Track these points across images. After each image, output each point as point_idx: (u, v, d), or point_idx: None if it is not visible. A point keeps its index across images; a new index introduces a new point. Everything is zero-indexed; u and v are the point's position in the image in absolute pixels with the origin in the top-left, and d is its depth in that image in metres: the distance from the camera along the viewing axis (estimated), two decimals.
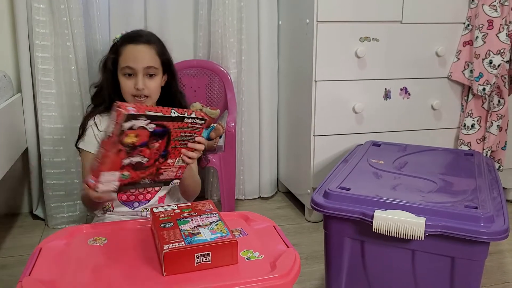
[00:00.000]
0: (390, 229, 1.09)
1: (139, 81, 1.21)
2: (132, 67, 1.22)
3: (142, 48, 1.23)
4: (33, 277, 0.79)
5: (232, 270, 0.83)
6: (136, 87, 1.22)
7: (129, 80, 1.23)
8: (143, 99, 1.23)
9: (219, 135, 1.85)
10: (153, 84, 1.24)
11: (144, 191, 1.25)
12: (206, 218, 0.92)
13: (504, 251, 1.72)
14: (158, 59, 1.25)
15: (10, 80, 1.79)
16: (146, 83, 1.23)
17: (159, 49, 1.26)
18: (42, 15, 1.74)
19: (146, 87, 1.22)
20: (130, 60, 1.22)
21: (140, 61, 1.22)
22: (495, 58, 1.85)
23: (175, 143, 0.99)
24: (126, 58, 1.22)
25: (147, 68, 1.23)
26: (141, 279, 0.81)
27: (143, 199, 1.25)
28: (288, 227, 1.93)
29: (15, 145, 1.74)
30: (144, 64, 1.22)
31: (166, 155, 1.00)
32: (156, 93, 1.27)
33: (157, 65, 1.25)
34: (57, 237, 0.95)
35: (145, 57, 1.23)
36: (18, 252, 1.71)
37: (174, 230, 0.87)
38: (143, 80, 1.22)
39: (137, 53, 1.23)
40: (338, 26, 1.79)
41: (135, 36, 1.26)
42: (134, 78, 1.22)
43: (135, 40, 1.24)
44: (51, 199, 1.87)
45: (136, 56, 1.22)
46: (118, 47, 1.25)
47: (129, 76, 1.23)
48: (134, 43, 1.23)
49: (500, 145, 2.02)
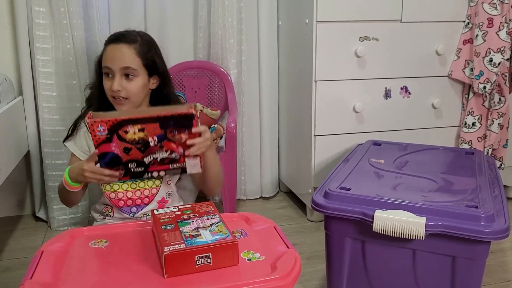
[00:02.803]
0: (390, 229, 1.10)
1: (115, 82, 1.18)
2: (109, 67, 1.19)
3: (122, 48, 1.20)
4: (34, 280, 0.80)
5: (232, 272, 0.83)
6: (111, 88, 1.19)
7: (108, 81, 1.21)
8: (122, 101, 1.20)
9: (220, 135, 1.85)
10: (131, 85, 1.20)
11: (144, 187, 1.25)
12: (207, 220, 0.93)
13: (505, 249, 1.72)
14: (138, 60, 1.21)
15: (11, 83, 1.80)
16: (123, 84, 1.19)
17: (142, 50, 1.22)
18: (42, 18, 1.75)
19: (124, 89, 1.19)
20: (108, 60, 1.20)
21: (116, 61, 1.19)
22: (495, 56, 1.85)
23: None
24: (105, 58, 1.21)
25: (124, 69, 1.19)
26: (142, 281, 0.81)
27: (140, 203, 1.24)
28: (290, 226, 1.94)
29: (17, 148, 1.75)
30: (120, 64, 1.19)
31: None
32: (136, 96, 1.22)
33: (136, 66, 1.20)
34: (58, 240, 0.95)
35: (122, 57, 1.19)
36: (20, 254, 1.72)
37: (175, 232, 0.87)
38: (119, 81, 1.19)
39: (114, 53, 1.20)
40: (338, 26, 1.79)
41: (118, 36, 1.23)
42: (112, 79, 1.20)
43: (116, 39, 1.22)
44: (53, 201, 1.88)
45: (113, 56, 1.20)
46: (104, 46, 1.24)
47: (108, 76, 1.21)
48: (115, 43, 1.21)
49: (501, 143, 2.02)
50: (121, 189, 1.22)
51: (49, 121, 1.83)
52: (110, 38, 1.24)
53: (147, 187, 1.24)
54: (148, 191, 1.24)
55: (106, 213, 1.26)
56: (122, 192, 1.22)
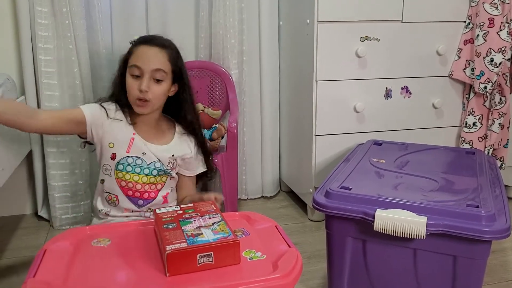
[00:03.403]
0: (391, 228, 1.10)
1: (144, 82, 1.18)
2: (139, 67, 1.19)
3: (154, 50, 1.21)
4: (37, 279, 0.80)
5: (234, 270, 0.84)
6: (139, 88, 1.18)
7: (135, 81, 1.20)
8: (144, 102, 1.20)
9: (221, 135, 1.86)
10: (158, 89, 1.21)
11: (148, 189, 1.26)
12: (209, 219, 0.93)
13: (507, 249, 1.72)
14: (168, 65, 1.22)
15: (13, 83, 1.80)
16: (151, 86, 1.19)
17: (172, 55, 1.23)
18: (44, 18, 1.75)
19: (150, 91, 1.19)
20: (139, 60, 1.19)
21: (148, 62, 1.19)
22: (496, 56, 1.85)
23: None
24: (136, 57, 1.20)
25: (155, 71, 1.19)
26: (144, 279, 0.82)
27: (147, 197, 1.26)
28: (291, 226, 1.94)
29: (19, 147, 1.75)
30: (152, 66, 1.19)
31: None
32: (159, 100, 1.23)
33: (167, 70, 1.22)
34: (61, 239, 0.96)
35: (155, 59, 1.20)
36: (23, 253, 1.73)
37: (177, 231, 0.88)
38: (148, 82, 1.18)
39: (147, 54, 1.20)
40: (339, 26, 1.79)
41: (151, 38, 1.25)
42: (140, 79, 1.19)
43: (149, 41, 1.22)
44: (55, 200, 1.89)
45: (145, 56, 1.19)
46: (133, 47, 1.23)
47: (136, 77, 1.20)
48: (148, 44, 1.21)
49: (502, 143, 2.02)
50: (132, 180, 1.23)
51: None
52: (142, 39, 1.25)
53: (155, 183, 1.26)
54: (155, 185, 1.26)
55: (111, 201, 1.25)
56: (132, 182, 1.23)
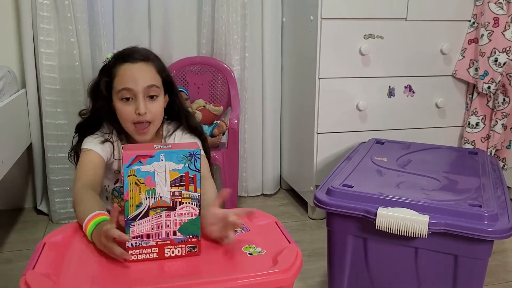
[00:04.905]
0: (393, 226, 1.09)
1: (140, 104, 1.05)
2: (130, 88, 1.06)
3: (140, 65, 1.07)
4: (36, 271, 0.80)
5: (234, 265, 0.83)
6: (137, 111, 1.06)
7: (128, 106, 1.07)
8: (145, 126, 1.09)
9: (222, 132, 1.85)
10: (155, 107, 1.08)
11: None
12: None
13: (508, 250, 1.72)
14: (158, 77, 1.10)
15: (14, 76, 1.80)
16: (148, 106, 1.07)
17: (159, 66, 1.11)
18: (46, 11, 1.74)
19: (148, 111, 1.07)
20: (127, 81, 1.06)
21: (139, 81, 1.06)
22: (500, 56, 1.84)
23: None
24: (123, 79, 1.06)
25: (148, 88, 1.07)
26: (143, 272, 0.81)
27: None
28: (291, 224, 1.93)
29: (19, 141, 1.75)
30: (144, 83, 1.06)
31: None
32: (159, 118, 1.12)
33: (159, 84, 1.09)
34: (60, 232, 0.95)
35: (144, 75, 1.07)
36: (22, 246, 1.72)
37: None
38: (144, 103, 1.06)
39: (135, 72, 1.06)
40: (342, 23, 1.78)
41: (130, 53, 1.09)
42: (134, 102, 1.06)
43: (131, 58, 1.08)
44: (55, 194, 1.88)
45: (133, 75, 1.06)
46: (111, 68, 1.09)
47: (127, 100, 1.07)
48: (131, 62, 1.07)
49: (504, 143, 2.01)
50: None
51: (52, 114, 1.83)
52: (119, 56, 1.10)
53: None
54: None
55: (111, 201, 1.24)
56: None
